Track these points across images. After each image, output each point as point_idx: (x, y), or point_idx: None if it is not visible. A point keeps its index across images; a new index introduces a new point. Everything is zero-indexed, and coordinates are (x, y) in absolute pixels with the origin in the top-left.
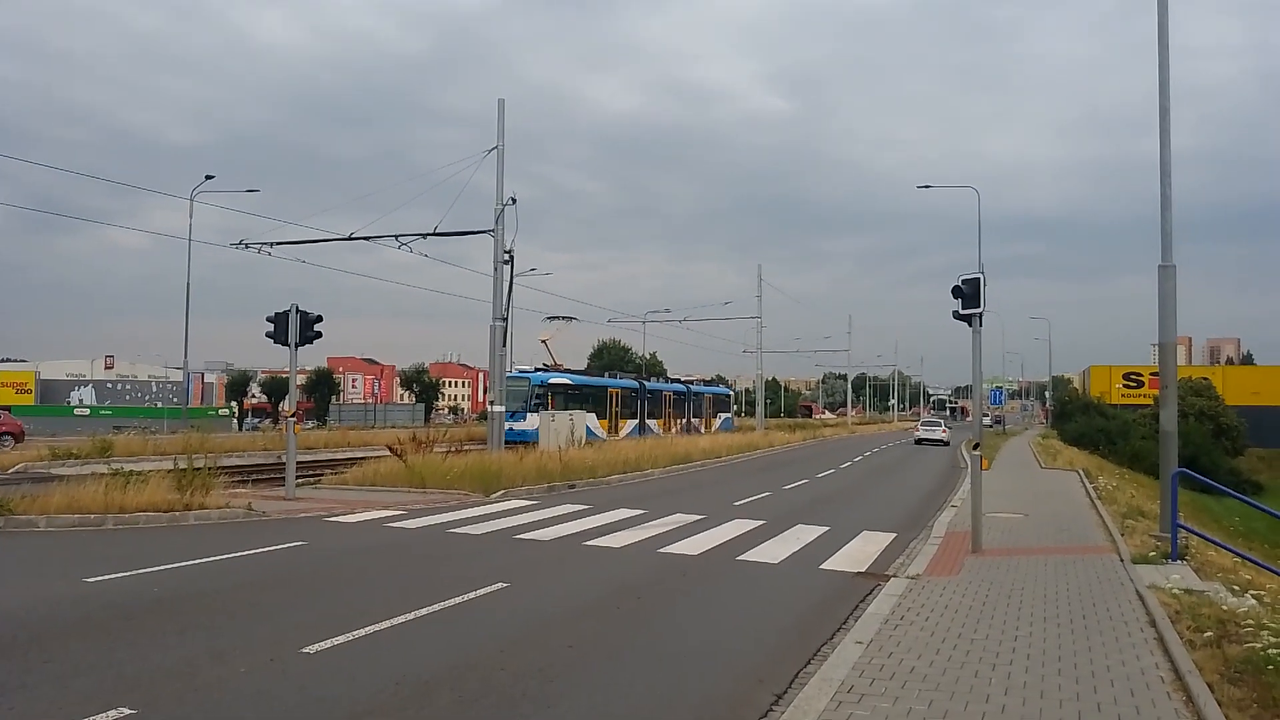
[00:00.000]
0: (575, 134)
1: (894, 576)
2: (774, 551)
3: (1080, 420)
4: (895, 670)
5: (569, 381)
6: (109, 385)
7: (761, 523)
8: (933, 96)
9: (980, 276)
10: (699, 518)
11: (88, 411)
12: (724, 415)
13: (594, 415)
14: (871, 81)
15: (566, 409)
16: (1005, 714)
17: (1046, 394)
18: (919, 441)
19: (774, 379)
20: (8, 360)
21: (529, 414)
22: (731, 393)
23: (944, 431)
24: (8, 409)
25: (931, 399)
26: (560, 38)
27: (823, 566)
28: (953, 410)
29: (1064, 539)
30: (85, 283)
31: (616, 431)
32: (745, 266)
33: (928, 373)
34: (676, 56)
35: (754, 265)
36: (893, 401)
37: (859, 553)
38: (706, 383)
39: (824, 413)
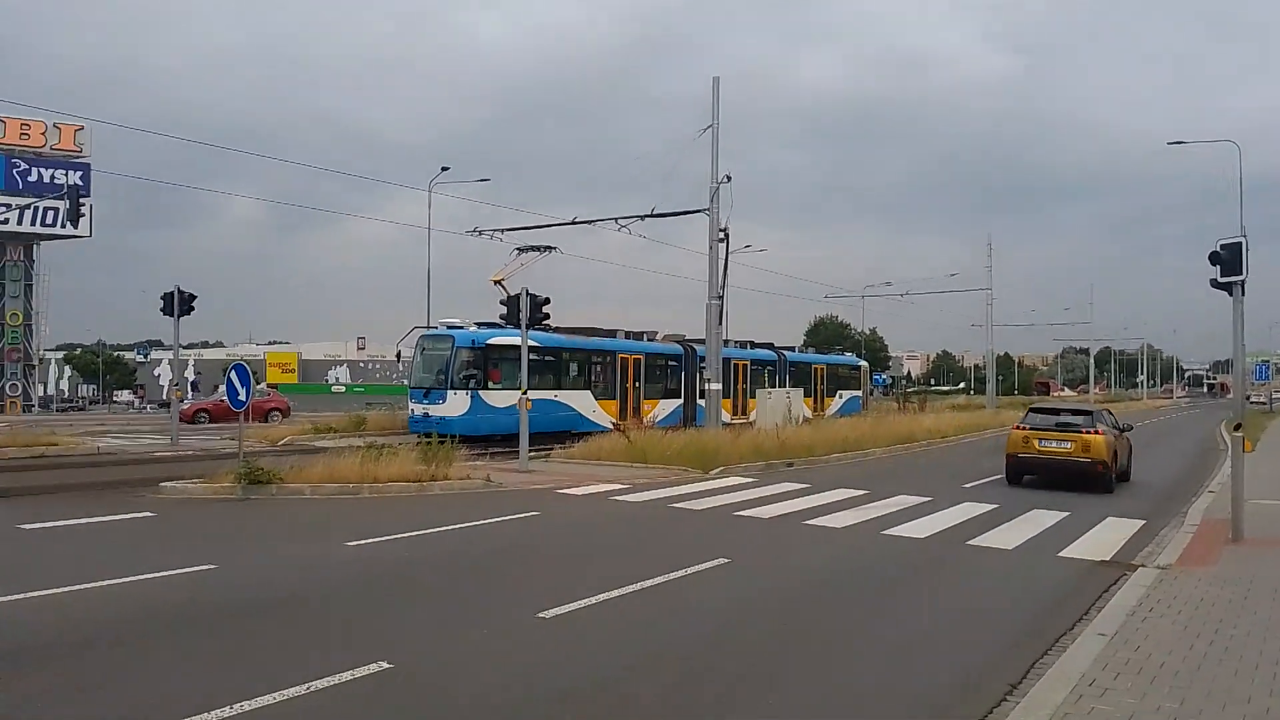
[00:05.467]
0: (785, 112)
1: (1142, 566)
2: (1007, 537)
3: None
4: (1143, 665)
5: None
6: (361, 364)
7: (994, 506)
8: (1176, 49)
9: (1242, 240)
10: (924, 499)
11: (343, 389)
12: (848, 394)
13: (588, 394)
14: (1106, 35)
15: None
16: (1269, 716)
17: None
18: None
19: (1006, 354)
20: (274, 342)
21: (451, 391)
22: (863, 365)
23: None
24: (275, 387)
25: (1186, 375)
26: (767, 17)
27: (1061, 554)
28: (1210, 387)
29: None
30: (336, 270)
31: (633, 415)
32: (969, 239)
33: (1181, 346)
34: (891, 23)
35: (979, 237)
36: (1141, 378)
37: (1102, 540)
38: (819, 351)
39: (1062, 390)
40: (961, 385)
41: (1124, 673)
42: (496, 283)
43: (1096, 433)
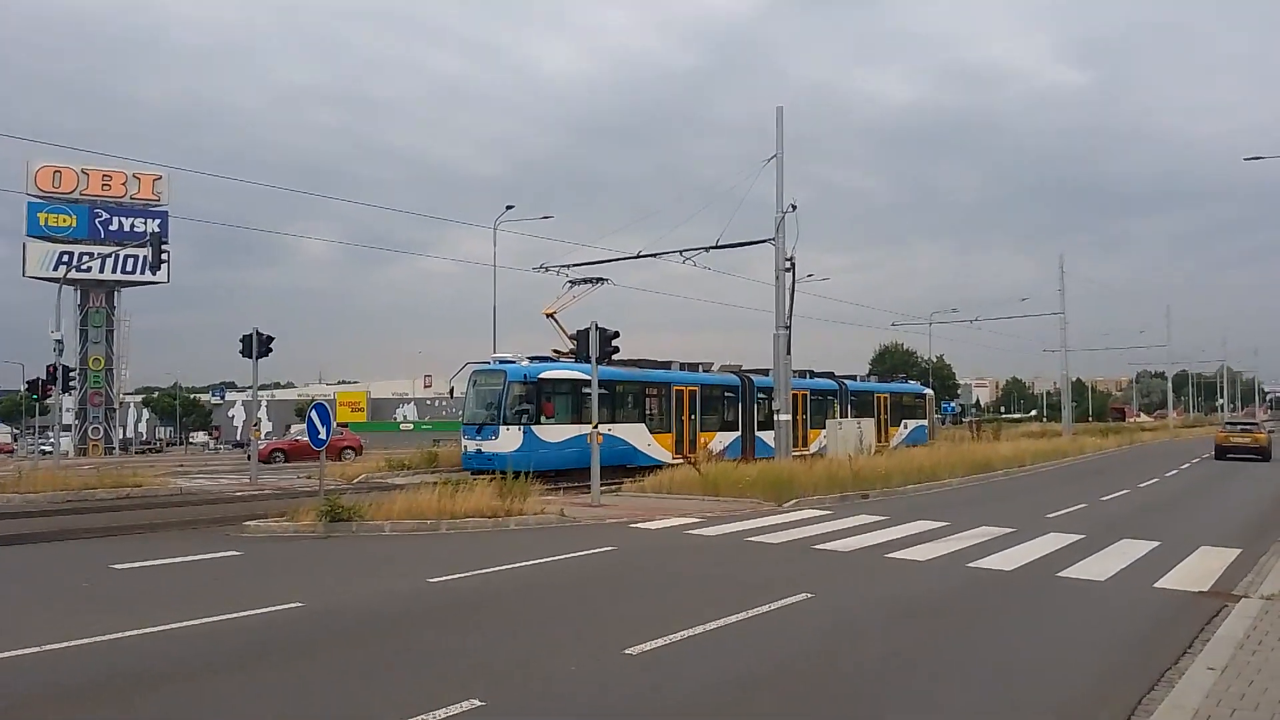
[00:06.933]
0: (850, 131)
1: (1245, 596)
2: (1098, 568)
3: None
4: (1260, 700)
5: (577, 375)
6: (428, 402)
7: (1080, 537)
8: (1255, 55)
9: None
10: (1008, 530)
11: (411, 426)
12: (913, 423)
13: (643, 427)
14: (1180, 45)
15: (576, 414)
16: None
17: None
18: None
19: (1079, 379)
20: (343, 382)
21: (504, 427)
22: (928, 393)
23: None
24: (346, 425)
25: (1268, 397)
26: (832, 35)
27: (1157, 585)
28: None
29: None
30: (404, 308)
31: (689, 448)
32: (1039, 256)
33: (1262, 367)
34: (957, 39)
35: (1048, 255)
36: (1221, 400)
37: (1198, 570)
38: (882, 379)
39: (1138, 415)
40: (1033, 412)
41: (1240, 708)
42: (550, 315)
43: (1261, 432)
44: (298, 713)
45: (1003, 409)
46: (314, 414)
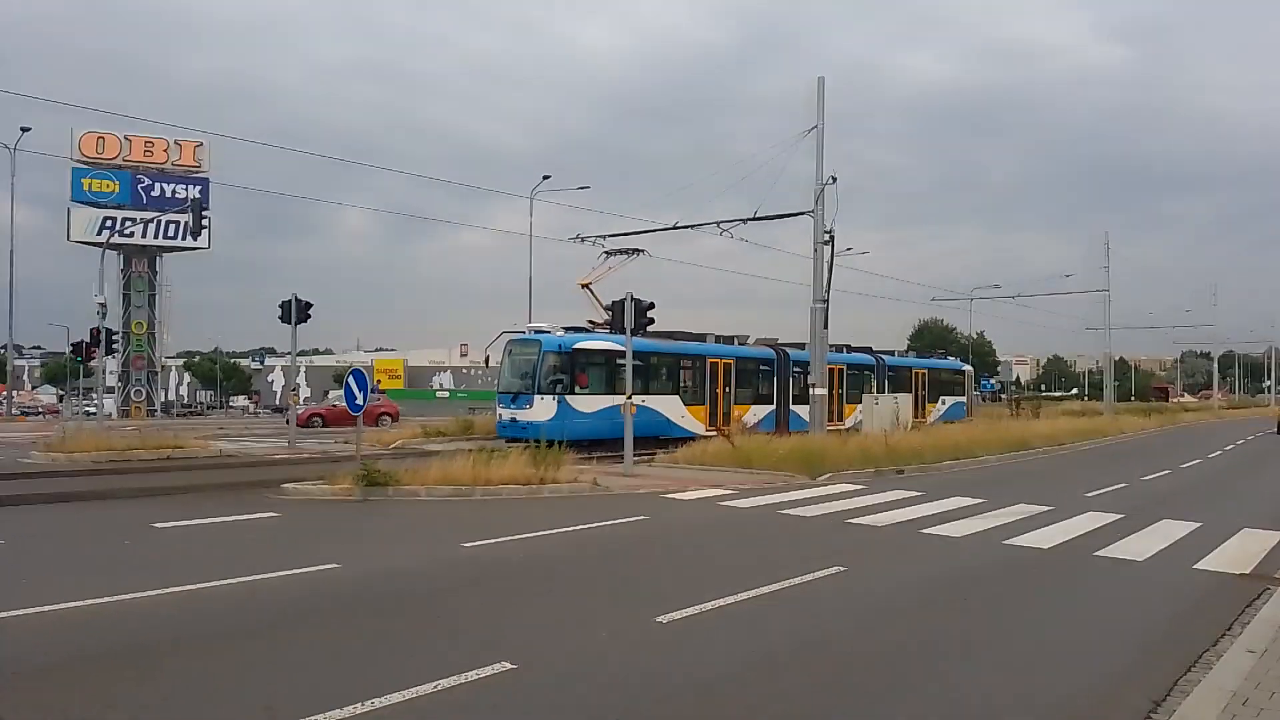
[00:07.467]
0: (886, 109)
1: None
2: (1137, 547)
3: None
4: None
5: (612, 346)
6: (464, 370)
7: (1119, 516)
8: None
9: None
10: (1046, 509)
11: (447, 394)
12: (951, 400)
13: (677, 399)
14: (1226, 23)
15: (610, 385)
16: None
17: None
18: None
19: (1121, 358)
20: (380, 350)
21: (538, 396)
22: (967, 369)
23: None
24: (383, 393)
25: None
26: (869, 14)
27: (1197, 566)
28: None
29: None
30: (441, 279)
31: (723, 420)
32: (1076, 236)
33: None
34: (997, 15)
35: (1089, 233)
36: (1268, 382)
37: (1240, 552)
38: (920, 355)
39: (1182, 395)
40: (1074, 390)
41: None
42: (585, 286)
43: None
44: (335, 674)
45: (1043, 387)
46: (351, 380)
